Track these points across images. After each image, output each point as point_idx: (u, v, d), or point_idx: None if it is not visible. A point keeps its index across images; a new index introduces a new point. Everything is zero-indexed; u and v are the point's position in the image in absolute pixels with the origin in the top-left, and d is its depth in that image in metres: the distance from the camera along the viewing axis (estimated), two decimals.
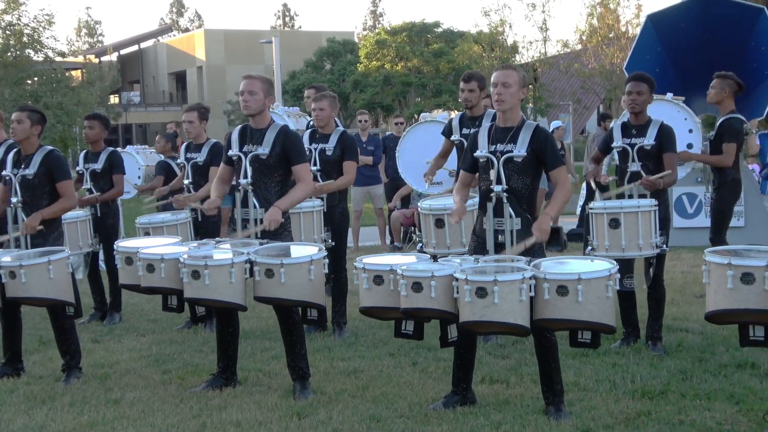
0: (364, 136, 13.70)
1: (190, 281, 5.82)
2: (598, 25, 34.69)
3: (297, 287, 5.78)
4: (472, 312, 5.03)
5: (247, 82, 6.33)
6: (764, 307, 4.63)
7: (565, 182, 5.66)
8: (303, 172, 6.34)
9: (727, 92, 8.48)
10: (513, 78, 5.59)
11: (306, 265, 5.81)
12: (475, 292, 4.99)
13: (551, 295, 5.04)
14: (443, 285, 5.16)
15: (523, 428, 5.26)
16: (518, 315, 5.02)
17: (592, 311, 5.03)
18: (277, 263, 5.74)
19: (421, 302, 5.20)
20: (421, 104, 42.14)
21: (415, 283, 5.19)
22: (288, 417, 5.64)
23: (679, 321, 8.02)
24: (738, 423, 5.26)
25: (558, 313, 5.06)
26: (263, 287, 5.82)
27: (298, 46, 56.53)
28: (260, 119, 6.36)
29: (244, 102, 6.32)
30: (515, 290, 4.99)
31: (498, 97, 5.60)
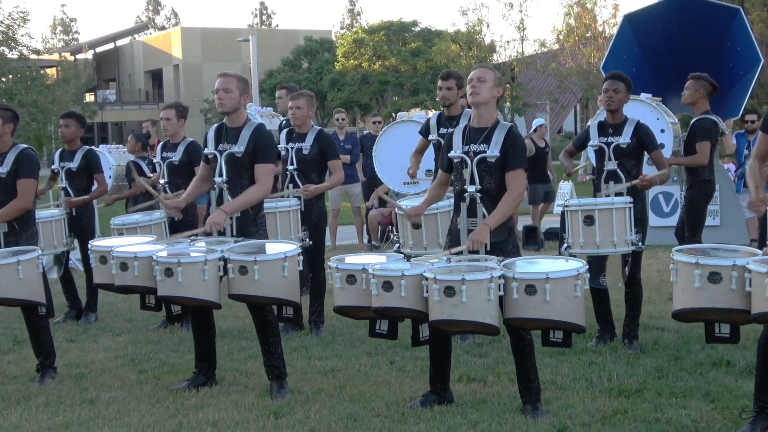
0: (341, 135, 13.69)
1: (163, 279, 5.79)
2: (575, 25, 34.84)
3: (271, 284, 5.76)
4: (441, 311, 5.05)
5: (223, 80, 6.31)
6: (730, 306, 4.65)
7: (515, 188, 5.56)
8: (263, 172, 6.25)
9: (701, 93, 8.54)
10: (489, 75, 5.62)
11: (280, 262, 5.79)
12: (444, 291, 5.01)
13: (520, 294, 5.05)
14: (413, 284, 5.17)
15: (500, 427, 5.27)
16: (487, 314, 5.04)
17: (561, 311, 5.05)
18: (251, 260, 5.72)
19: (391, 301, 5.20)
20: (399, 103, 42.14)
21: (386, 282, 5.20)
22: (265, 416, 5.62)
23: (655, 319, 8.06)
24: (713, 421, 5.29)
25: (526, 312, 5.07)
26: (237, 284, 5.80)
27: (275, 44, 56.43)
28: (236, 117, 6.34)
29: (219, 100, 6.30)
30: (483, 289, 5.01)
31: (473, 90, 5.61)
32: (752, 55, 12.94)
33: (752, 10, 27.25)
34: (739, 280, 4.58)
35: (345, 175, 13.01)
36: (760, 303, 4.49)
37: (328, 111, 45.48)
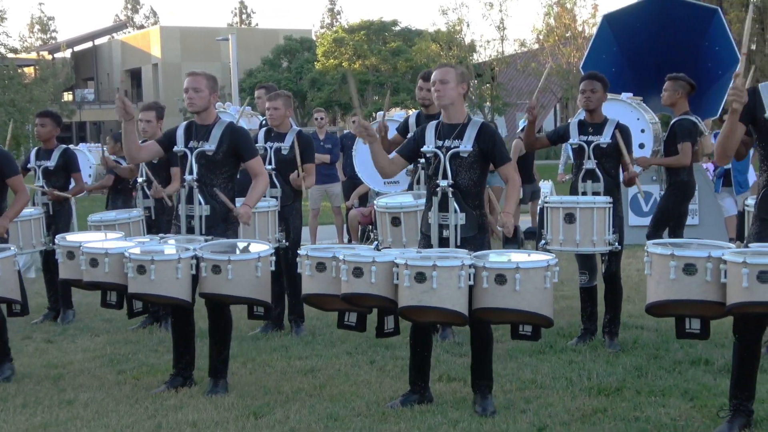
0: (321, 135, 13.66)
1: (135, 276, 5.76)
2: (554, 25, 34.98)
3: (244, 284, 5.76)
4: (411, 297, 5.06)
5: (192, 79, 6.32)
6: (705, 297, 4.68)
7: (514, 179, 5.72)
8: (257, 165, 6.38)
9: (680, 93, 8.58)
10: (450, 75, 5.64)
11: (253, 262, 5.79)
12: (414, 277, 5.04)
13: (490, 283, 5.08)
14: (384, 271, 5.18)
15: (480, 426, 5.27)
16: (456, 302, 5.06)
17: (530, 301, 5.08)
18: (225, 259, 5.71)
19: (361, 287, 5.21)
20: (379, 103, 42.12)
21: (356, 268, 5.20)
22: (244, 417, 5.59)
23: (635, 318, 8.09)
24: (692, 419, 5.31)
25: (496, 301, 5.09)
26: (209, 283, 5.78)
27: (255, 43, 56.29)
28: (205, 116, 6.34)
29: (189, 99, 6.30)
30: (454, 276, 5.03)
31: (437, 93, 5.66)
32: (730, 56, 13.00)
33: (730, 10, 27.44)
34: (714, 271, 4.62)
35: (325, 174, 13.09)
36: (735, 294, 4.52)
37: (308, 110, 45.42)
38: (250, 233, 7.41)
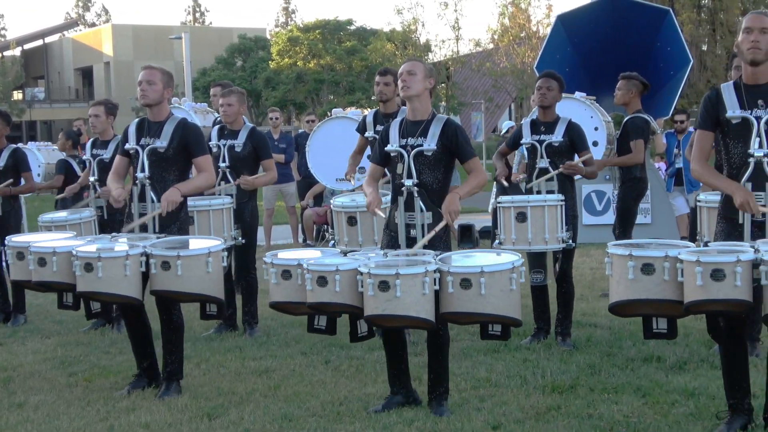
0: (276, 134, 13.60)
1: (83, 274, 5.67)
2: (509, 25, 35.14)
3: (194, 280, 5.69)
4: (376, 306, 5.03)
5: (147, 72, 6.25)
6: (663, 296, 4.72)
7: (479, 170, 5.69)
8: (205, 163, 6.30)
9: (633, 93, 8.67)
10: (418, 67, 5.62)
11: (204, 258, 5.72)
12: (378, 286, 4.99)
13: (455, 288, 5.06)
14: (348, 279, 5.13)
15: (435, 425, 5.27)
16: (421, 308, 5.03)
17: (496, 304, 5.08)
18: (174, 255, 5.64)
19: (325, 296, 5.17)
20: (335, 102, 42.06)
21: (320, 277, 5.16)
22: (198, 418, 5.55)
23: (588, 316, 8.15)
24: (644, 415, 5.36)
25: (462, 306, 5.08)
26: (159, 280, 5.70)
27: (208, 42, 55.90)
28: (158, 111, 6.27)
29: (142, 92, 6.22)
30: (418, 283, 5.00)
31: (404, 84, 5.62)
32: (682, 56, 13.17)
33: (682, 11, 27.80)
34: (671, 270, 4.66)
35: (280, 174, 12.99)
36: (691, 292, 4.56)
37: (263, 110, 45.13)
38: (205, 231, 7.35)
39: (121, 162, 6.45)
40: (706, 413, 5.32)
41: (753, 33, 4.85)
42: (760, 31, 4.84)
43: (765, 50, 4.86)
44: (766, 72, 4.94)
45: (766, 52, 4.86)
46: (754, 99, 4.92)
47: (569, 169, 7.13)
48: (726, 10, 29.52)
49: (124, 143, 6.37)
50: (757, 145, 4.89)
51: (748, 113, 4.92)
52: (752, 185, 4.93)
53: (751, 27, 4.86)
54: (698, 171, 5.16)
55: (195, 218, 7.38)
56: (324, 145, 9.22)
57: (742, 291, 4.49)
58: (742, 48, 4.90)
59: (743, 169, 4.94)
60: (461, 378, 6.23)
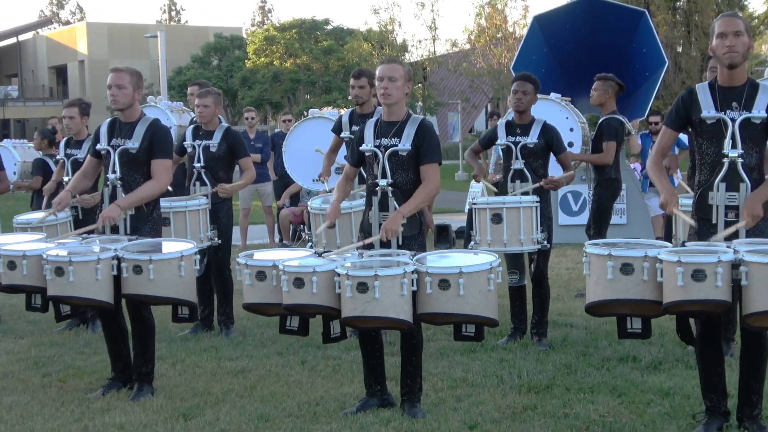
0: (252, 133, 13.57)
1: (53, 278, 5.60)
2: (486, 25, 35.26)
3: (166, 284, 5.65)
4: (354, 307, 5.01)
5: (115, 76, 6.17)
6: (642, 296, 4.73)
7: (431, 180, 5.58)
8: (160, 167, 6.18)
9: (609, 94, 8.73)
10: (399, 72, 5.58)
11: (176, 261, 5.68)
12: (356, 288, 4.97)
13: (433, 289, 5.05)
14: (325, 280, 5.11)
15: (411, 425, 5.27)
16: (400, 310, 5.02)
17: (474, 305, 5.07)
18: (146, 259, 5.59)
19: (302, 298, 5.14)
20: (311, 101, 42.00)
21: (297, 278, 5.13)
22: (174, 418, 5.52)
23: (564, 316, 8.18)
24: (620, 415, 5.38)
25: (440, 307, 5.08)
26: (131, 284, 5.65)
27: (184, 41, 55.67)
28: (129, 113, 6.23)
29: (113, 96, 6.16)
30: (396, 285, 4.98)
31: (384, 91, 5.58)
32: (657, 57, 13.23)
33: (657, 13, 27.96)
34: (650, 270, 4.67)
35: (256, 173, 12.97)
36: (671, 292, 4.58)
37: (239, 109, 45.05)
38: (182, 232, 7.32)
39: (90, 162, 6.41)
40: (681, 413, 5.35)
41: (728, 38, 4.87)
42: (734, 35, 4.87)
43: (741, 53, 4.89)
44: (741, 74, 4.98)
45: (743, 54, 4.90)
46: (728, 100, 4.96)
47: (550, 184, 7.15)
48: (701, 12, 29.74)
49: (95, 143, 6.31)
50: (731, 146, 4.92)
51: (722, 114, 4.95)
52: (726, 186, 4.96)
53: (725, 32, 4.88)
54: (648, 164, 5.28)
55: (171, 219, 7.35)
56: (300, 145, 9.20)
57: (722, 292, 4.51)
58: (719, 53, 4.92)
59: (717, 169, 4.97)
60: (438, 378, 6.23)
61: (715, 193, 4.99)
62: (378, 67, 5.66)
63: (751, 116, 4.92)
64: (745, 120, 4.92)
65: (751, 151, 4.96)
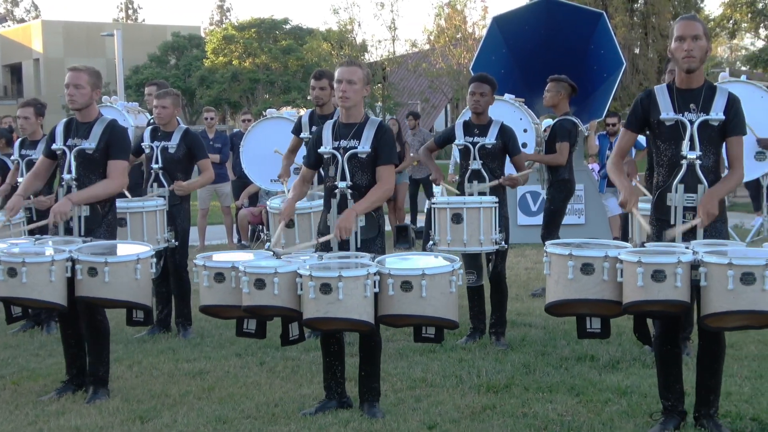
0: (210, 133, 13.48)
1: (5, 279, 5.49)
2: (445, 26, 35.34)
3: (122, 287, 5.56)
4: (317, 309, 4.98)
5: (73, 75, 6.10)
6: (602, 296, 4.76)
7: (386, 181, 5.59)
8: (116, 168, 6.12)
9: (562, 95, 8.79)
10: (358, 75, 5.56)
11: (132, 264, 5.60)
12: (320, 289, 4.93)
13: (396, 290, 5.03)
14: (287, 282, 5.07)
15: (371, 425, 5.25)
16: (363, 311, 5.00)
17: (436, 307, 5.07)
18: (101, 261, 5.51)
19: (263, 299, 5.09)
20: (270, 101, 41.82)
21: (258, 279, 5.08)
22: (130, 421, 5.46)
23: (523, 316, 8.21)
24: (578, 414, 5.41)
25: (402, 308, 5.06)
26: (86, 286, 5.56)
27: (141, 39, 55.17)
28: (87, 113, 6.16)
29: (70, 96, 6.09)
30: (360, 286, 4.96)
31: (342, 94, 5.55)
32: (615, 59, 13.35)
33: (615, 14, 28.21)
34: (610, 270, 4.70)
35: (215, 174, 12.88)
36: (631, 292, 4.61)
37: (197, 108, 44.75)
38: (138, 234, 7.25)
39: (42, 163, 6.32)
40: (638, 411, 5.39)
41: (686, 41, 4.91)
42: (693, 39, 4.91)
43: (699, 57, 4.93)
44: (699, 77, 5.03)
45: (701, 59, 4.95)
46: (686, 102, 5.00)
47: (508, 182, 7.20)
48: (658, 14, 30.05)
49: (50, 143, 6.22)
50: (689, 147, 4.97)
51: (680, 116, 4.99)
52: (684, 187, 5.01)
53: (684, 35, 4.92)
54: (609, 165, 5.34)
55: (128, 220, 7.28)
56: (258, 145, 9.16)
57: (681, 292, 4.55)
58: (677, 56, 4.96)
59: (675, 171, 5.02)
60: (397, 378, 6.22)
61: (673, 195, 5.03)
62: (337, 69, 5.64)
63: (709, 118, 4.97)
64: (703, 122, 4.97)
65: (709, 153, 5.01)
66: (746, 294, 4.41)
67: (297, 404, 5.71)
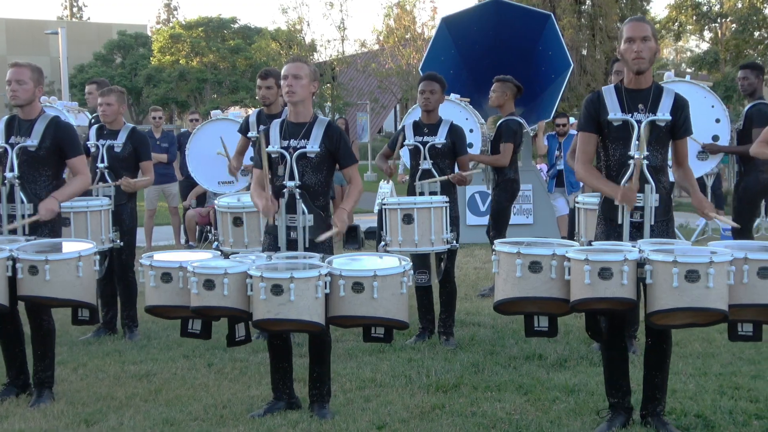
0: (157, 133, 13.34)
1: None
2: (394, 26, 35.35)
3: (64, 285, 5.46)
4: (268, 310, 4.93)
5: (15, 71, 6.03)
6: (550, 294, 4.79)
7: (357, 180, 5.74)
8: (80, 164, 6.16)
9: (508, 95, 8.84)
10: (304, 71, 5.55)
11: (74, 262, 5.50)
12: (271, 290, 4.89)
13: (347, 292, 5.02)
14: (236, 282, 5.02)
15: (320, 426, 5.23)
16: (314, 312, 4.97)
17: (387, 308, 5.06)
18: (42, 260, 5.40)
19: (212, 300, 5.03)
20: (218, 101, 41.51)
21: (207, 280, 5.02)
22: (75, 424, 5.38)
23: (472, 315, 8.24)
24: (526, 412, 5.44)
25: (353, 309, 5.05)
26: (27, 285, 5.45)
27: (86, 38, 54.42)
28: (29, 110, 6.08)
29: (12, 92, 6.02)
30: (311, 287, 4.94)
31: (289, 89, 5.53)
32: (562, 60, 13.46)
33: (563, 16, 28.45)
34: (558, 268, 4.73)
35: (162, 174, 12.78)
36: (578, 290, 4.64)
37: (144, 108, 44.22)
38: (82, 233, 7.14)
39: None
40: (585, 409, 5.44)
41: (635, 43, 4.96)
42: (642, 41, 4.96)
43: (648, 58, 4.99)
44: (648, 77, 5.09)
45: (650, 60, 5.00)
46: (635, 102, 5.05)
47: (457, 179, 7.22)
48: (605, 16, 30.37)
49: None
50: (637, 147, 5.01)
51: (629, 116, 5.04)
52: None
53: (633, 37, 4.97)
54: (581, 173, 5.26)
55: (72, 220, 7.16)
56: (204, 147, 9.07)
57: (628, 289, 4.59)
58: (627, 57, 5.01)
59: (623, 170, 5.05)
60: (346, 379, 6.21)
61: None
62: (284, 66, 5.62)
63: (657, 118, 5.02)
64: (650, 122, 5.02)
65: (657, 153, 5.07)
66: (691, 291, 4.47)
67: (245, 406, 5.67)
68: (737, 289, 4.58)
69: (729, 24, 32.48)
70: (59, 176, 6.17)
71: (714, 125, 8.75)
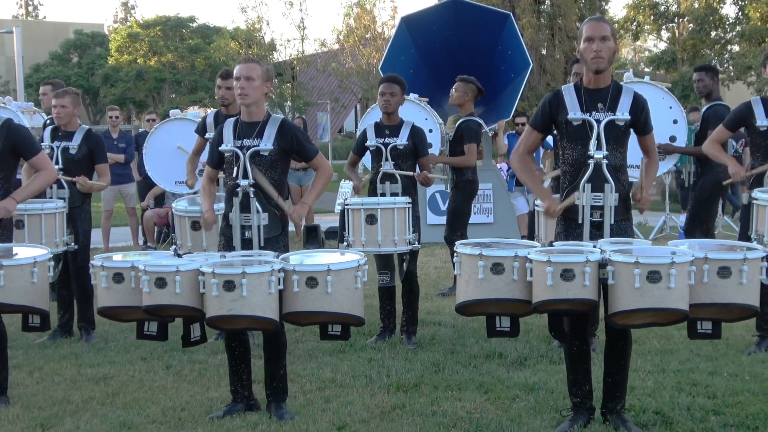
0: (114, 133, 13.22)
1: None
2: (354, 26, 35.30)
3: (17, 291, 5.35)
4: (220, 306, 4.89)
5: None
6: (512, 296, 4.79)
7: (325, 167, 5.75)
8: (42, 161, 6.15)
9: (469, 96, 8.88)
10: (256, 72, 5.51)
11: (28, 268, 5.41)
12: (223, 286, 4.85)
13: (301, 287, 4.99)
14: (189, 280, 4.96)
15: (279, 427, 5.21)
16: (267, 308, 4.94)
17: (342, 303, 5.05)
18: None
19: (164, 299, 4.97)
20: (176, 101, 41.21)
21: (159, 278, 4.96)
22: (31, 429, 5.30)
23: (433, 315, 8.25)
24: (486, 411, 5.44)
25: (307, 305, 5.02)
26: None
27: (42, 37, 53.72)
28: None
29: None
30: (264, 282, 4.90)
31: (241, 91, 5.50)
32: (522, 59, 13.50)
33: (523, 16, 28.54)
34: (520, 270, 4.72)
35: (119, 174, 12.66)
36: (540, 292, 4.65)
37: (101, 107, 43.79)
38: (36, 236, 7.03)
39: None
40: (545, 407, 5.45)
41: (595, 42, 4.97)
42: (601, 40, 4.98)
43: (607, 58, 5.01)
44: (606, 77, 5.10)
45: (609, 59, 5.02)
46: (594, 102, 5.06)
47: (422, 179, 7.23)
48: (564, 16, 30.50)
49: None
50: (596, 147, 5.03)
51: (587, 116, 5.05)
52: (591, 186, 5.06)
53: (592, 36, 4.99)
54: (515, 163, 5.40)
55: (25, 222, 7.05)
56: (162, 147, 9.00)
57: (589, 290, 4.60)
58: (586, 57, 5.02)
59: (582, 170, 5.07)
60: (306, 379, 6.18)
61: (581, 194, 5.08)
62: (235, 66, 5.58)
63: (616, 118, 5.05)
64: (609, 121, 5.04)
65: (616, 152, 5.09)
66: (652, 292, 4.49)
67: (204, 408, 5.61)
68: (698, 289, 4.61)
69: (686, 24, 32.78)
70: (11, 179, 6.10)
71: (671, 126, 8.84)
